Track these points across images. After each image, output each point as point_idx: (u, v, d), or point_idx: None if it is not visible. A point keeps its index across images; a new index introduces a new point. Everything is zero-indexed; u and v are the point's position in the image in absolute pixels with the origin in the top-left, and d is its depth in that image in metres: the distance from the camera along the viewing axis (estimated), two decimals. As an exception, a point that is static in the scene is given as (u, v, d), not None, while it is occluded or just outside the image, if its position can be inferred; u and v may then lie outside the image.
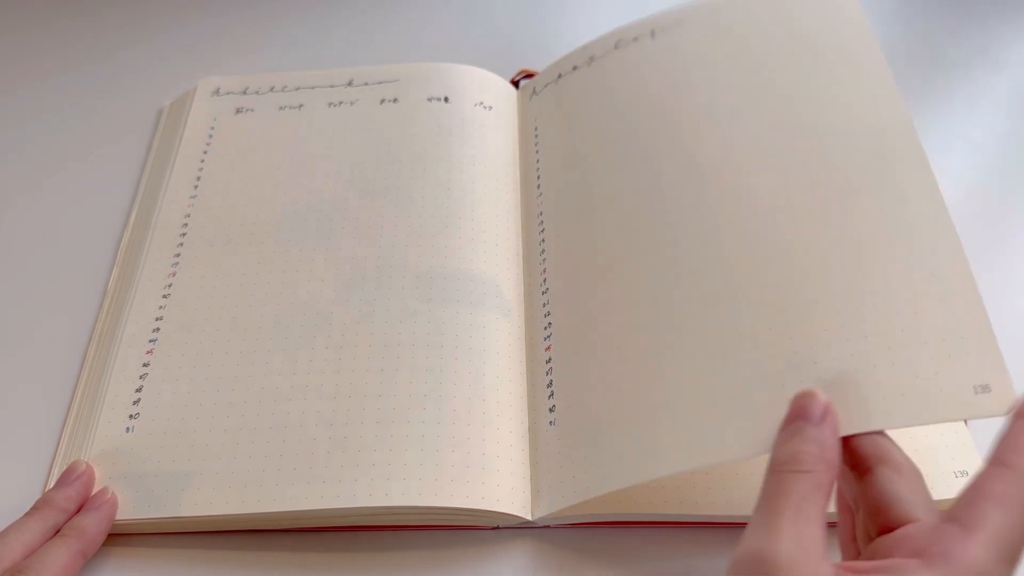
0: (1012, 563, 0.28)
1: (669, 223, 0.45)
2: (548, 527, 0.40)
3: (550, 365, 0.44)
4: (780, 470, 0.31)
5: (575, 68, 0.56)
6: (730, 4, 0.52)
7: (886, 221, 0.40)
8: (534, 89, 0.58)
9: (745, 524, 0.39)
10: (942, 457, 0.41)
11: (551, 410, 0.43)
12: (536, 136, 0.55)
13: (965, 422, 0.42)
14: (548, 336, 0.45)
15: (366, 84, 0.58)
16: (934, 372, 0.35)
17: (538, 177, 0.53)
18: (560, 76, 0.57)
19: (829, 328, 0.38)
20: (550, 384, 0.44)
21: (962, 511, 0.29)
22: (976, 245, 0.52)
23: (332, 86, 0.58)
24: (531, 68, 0.61)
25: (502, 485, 0.40)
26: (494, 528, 0.40)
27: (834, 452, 0.32)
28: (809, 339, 0.38)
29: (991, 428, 0.43)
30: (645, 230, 0.46)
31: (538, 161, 0.54)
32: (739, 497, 0.39)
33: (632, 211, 0.47)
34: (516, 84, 0.60)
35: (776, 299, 0.40)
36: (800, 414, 0.33)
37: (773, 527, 0.29)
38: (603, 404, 0.41)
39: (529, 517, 0.40)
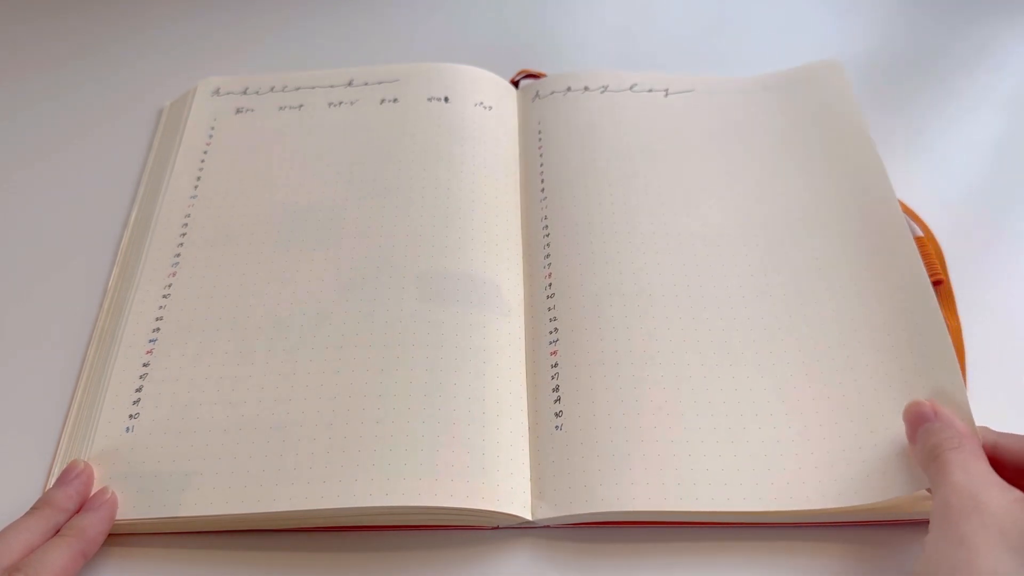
0: None
1: (672, 251, 0.49)
2: (548, 527, 0.40)
3: (556, 370, 0.44)
4: (933, 456, 0.36)
5: (586, 88, 0.57)
6: (734, 87, 0.58)
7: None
8: (537, 92, 0.58)
9: (745, 524, 0.40)
10: None
11: (558, 415, 0.43)
12: (540, 139, 0.55)
13: None
14: (555, 340, 0.45)
15: (366, 84, 0.58)
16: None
17: (542, 181, 0.53)
18: (570, 89, 0.58)
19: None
20: (556, 389, 0.44)
21: None
22: (976, 245, 0.52)
23: (332, 86, 0.58)
24: (531, 68, 0.61)
25: (502, 485, 0.40)
26: (494, 528, 0.40)
27: (962, 426, 0.37)
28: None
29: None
30: (651, 253, 0.48)
31: (542, 165, 0.54)
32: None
33: (640, 233, 0.49)
34: (516, 84, 0.60)
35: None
36: (921, 419, 0.38)
37: (948, 482, 0.34)
38: (614, 418, 0.42)
39: (529, 517, 0.40)
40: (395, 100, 0.57)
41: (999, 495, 0.32)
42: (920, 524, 0.39)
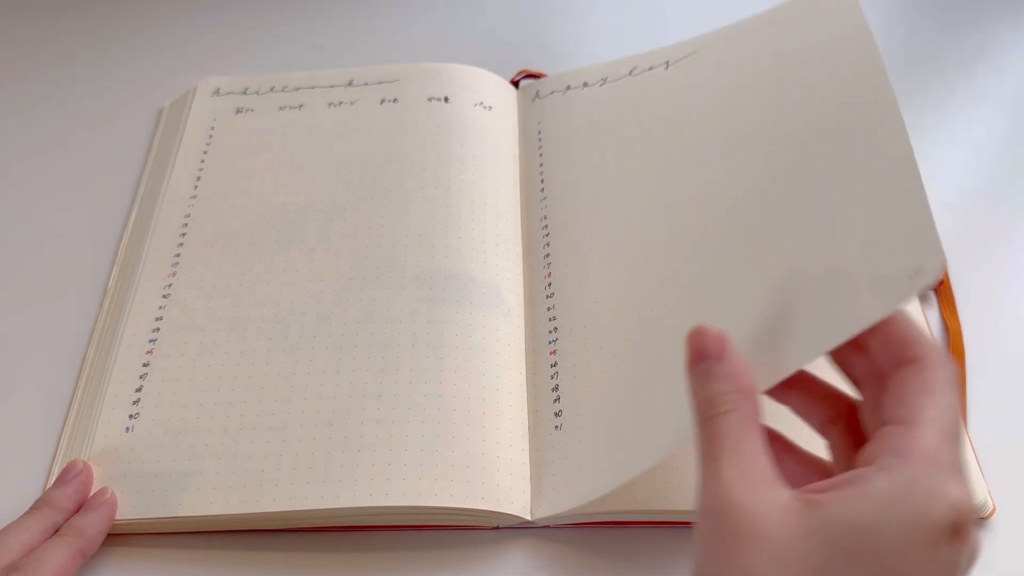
0: (955, 441, 0.28)
1: (676, 239, 0.47)
2: (548, 527, 0.40)
3: (556, 369, 0.44)
4: (705, 417, 0.31)
5: (586, 84, 0.57)
6: (738, 33, 0.54)
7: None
8: (537, 92, 0.58)
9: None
10: None
11: (557, 414, 0.43)
12: (540, 139, 0.55)
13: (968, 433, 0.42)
14: (554, 340, 0.46)
15: (366, 84, 0.58)
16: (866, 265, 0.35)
17: (542, 181, 0.53)
18: (569, 87, 0.58)
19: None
20: (556, 389, 0.44)
21: (895, 410, 0.29)
22: (976, 245, 0.52)
23: (332, 86, 0.58)
24: (531, 68, 0.61)
25: (502, 485, 0.40)
26: (494, 528, 0.40)
27: (747, 379, 0.32)
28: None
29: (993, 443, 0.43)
30: (654, 246, 0.47)
31: (541, 165, 0.54)
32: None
33: (641, 227, 0.48)
34: (516, 84, 0.60)
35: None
36: (701, 354, 0.32)
37: (717, 474, 0.29)
38: (611, 414, 0.42)
39: (529, 517, 0.40)
40: (395, 100, 0.57)
41: (772, 504, 0.28)
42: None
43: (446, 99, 0.56)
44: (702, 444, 0.30)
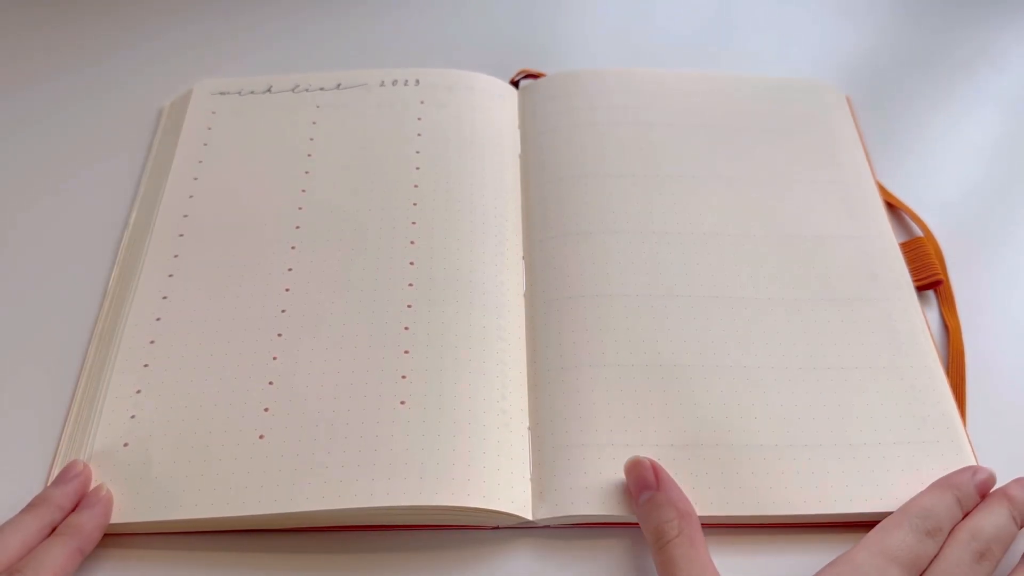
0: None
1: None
2: (548, 527, 0.40)
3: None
4: (659, 546, 0.36)
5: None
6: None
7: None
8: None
9: (746, 524, 0.40)
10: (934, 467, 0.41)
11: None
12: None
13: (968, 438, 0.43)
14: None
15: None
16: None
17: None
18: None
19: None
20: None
21: None
22: (976, 245, 0.52)
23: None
24: (531, 68, 0.61)
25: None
26: (494, 528, 0.40)
27: (686, 501, 0.37)
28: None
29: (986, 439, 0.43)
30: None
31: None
32: (739, 497, 0.39)
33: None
34: (516, 84, 0.60)
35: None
36: (642, 485, 0.38)
37: None
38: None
39: (530, 517, 0.40)
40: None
41: None
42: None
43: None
44: (659, 569, 0.36)
